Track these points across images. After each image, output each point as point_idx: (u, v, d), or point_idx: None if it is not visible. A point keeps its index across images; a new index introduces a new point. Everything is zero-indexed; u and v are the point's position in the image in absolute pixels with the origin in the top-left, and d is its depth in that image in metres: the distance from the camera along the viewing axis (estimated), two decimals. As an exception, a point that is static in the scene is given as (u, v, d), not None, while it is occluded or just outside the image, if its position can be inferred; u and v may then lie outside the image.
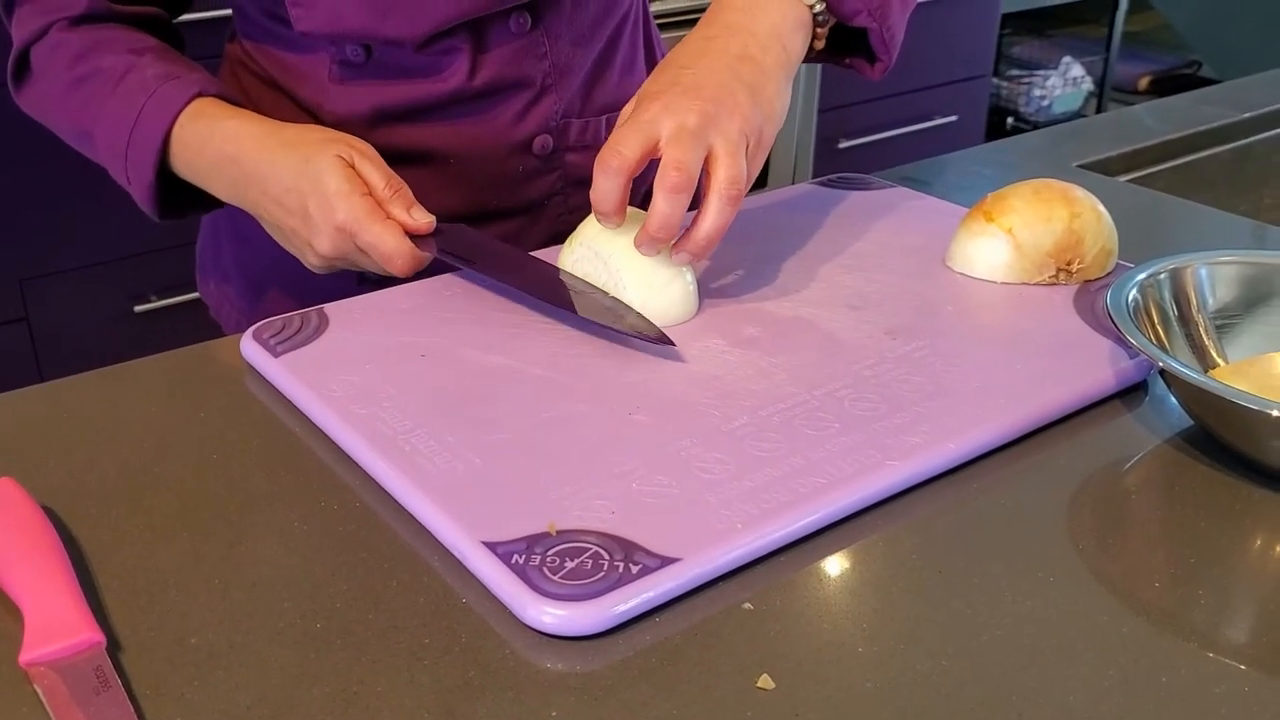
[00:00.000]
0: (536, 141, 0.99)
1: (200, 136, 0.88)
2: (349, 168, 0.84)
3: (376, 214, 0.83)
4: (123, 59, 0.91)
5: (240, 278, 1.07)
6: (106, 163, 0.93)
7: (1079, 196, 0.88)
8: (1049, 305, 0.85)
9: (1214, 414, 0.68)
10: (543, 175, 1.00)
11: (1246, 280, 0.78)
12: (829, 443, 0.69)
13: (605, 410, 0.72)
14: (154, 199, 0.92)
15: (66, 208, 2.11)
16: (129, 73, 0.90)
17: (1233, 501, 0.67)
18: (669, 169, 0.75)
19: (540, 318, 0.83)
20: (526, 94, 0.97)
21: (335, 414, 0.71)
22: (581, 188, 1.02)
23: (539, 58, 0.96)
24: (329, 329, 0.81)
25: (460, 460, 0.66)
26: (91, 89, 0.90)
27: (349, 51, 0.93)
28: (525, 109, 0.97)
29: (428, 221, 0.85)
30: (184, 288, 2.23)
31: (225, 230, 1.08)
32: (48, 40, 0.92)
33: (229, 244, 1.08)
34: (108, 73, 0.90)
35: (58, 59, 0.92)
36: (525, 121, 0.98)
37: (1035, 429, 0.73)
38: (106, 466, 0.69)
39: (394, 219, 0.84)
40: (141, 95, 0.89)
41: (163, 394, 0.77)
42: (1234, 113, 1.35)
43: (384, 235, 0.83)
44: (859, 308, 0.85)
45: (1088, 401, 0.75)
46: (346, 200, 0.83)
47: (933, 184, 1.12)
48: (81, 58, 0.91)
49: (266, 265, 1.03)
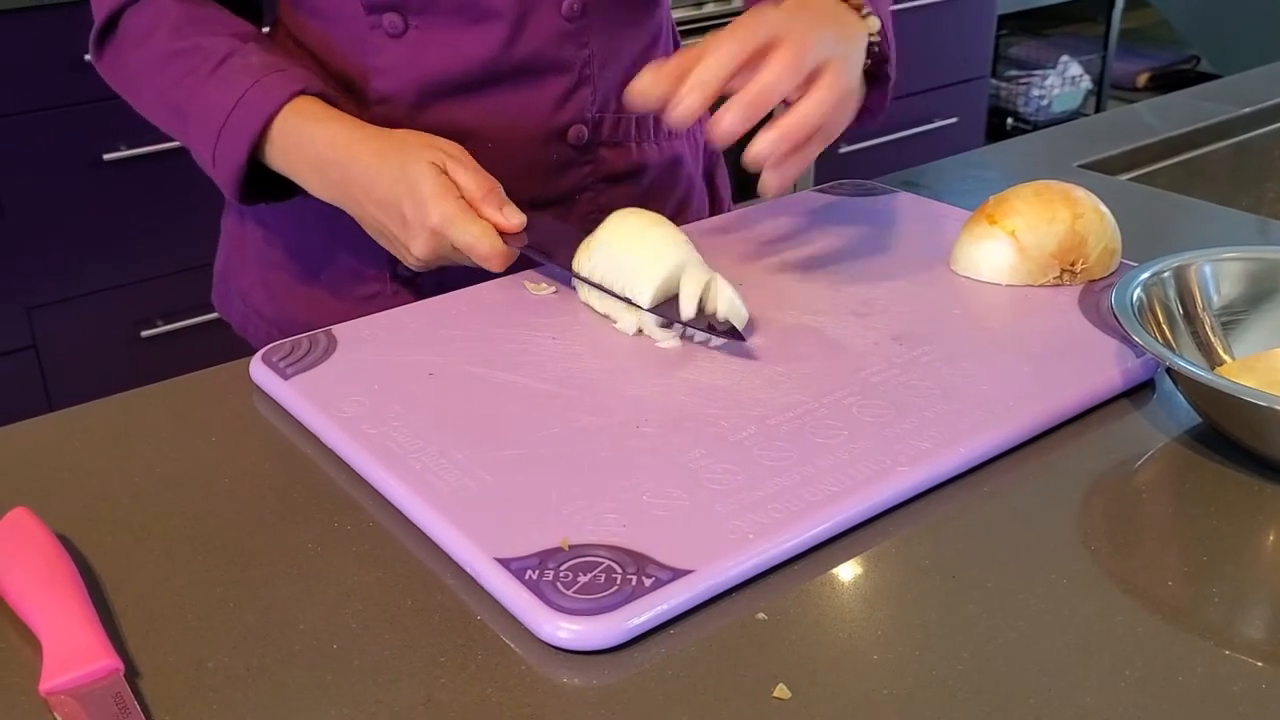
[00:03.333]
0: (572, 131, 1.00)
1: (301, 135, 0.89)
2: (442, 173, 0.86)
3: (469, 214, 0.85)
4: (225, 41, 0.91)
5: (266, 291, 1.07)
6: (194, 141, 0.93)
7: (1081, 197, 0.88)
8: (1054, 306, 0.85)
9: (1222, 411, 0.68)
10: (576, 167, 1.01)
11: (1251, 276, 0.78)
12: (838, 450, 0.69)
13: (614, 424, 0.72)
14: (238, 184, 0.92)
15: (72, 236, 2.12)
16: (231, 56, 0.90)
17: (1244, 498, 0.67)
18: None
19: (547, 334, 0.83)
20: (565, 79, 0.98)
21: (346, 435, 0.71)
22: (611, 184, 1.04)
23: (580, 45, 0.97)
24: (337, 350, 0.82)
25: (471, 477, 0.67)
26: (189, 64, 0.91)
27: (386, 23, 0.94)
28: (565, 95, 0.99)
29: (519, 220, 0.87)
30: (190, 311, 2.24)
31: (250, 247, 1.08)
32: (147, 6, 0.93)
33: (255, 261, 1.08)
34: (208, 52, 0.91)
35: (158, 29, 0.92)
36: (564, 109, 0.99)
37: (1044, 431, 0.73)
38: (119, 493, 0.69)
39: (486, 219, 0.86)
40: (245, 81, 0.89)
41: (173, 419, 0.77)
42: (1233, 108, 1.35)
43: (478, 236, 0.85)
44: (864, 314, 0.85)
45: (1095, 402, 0.75)
46: (440, 203, 0.85)
47: (934, 188, 1.12)
48: (181, 31, 0.91)
49: (296, 275, 1.04)
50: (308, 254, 1.02)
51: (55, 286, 2.14)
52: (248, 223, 1.08)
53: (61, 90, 2.05)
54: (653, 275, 0.81)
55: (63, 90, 2.05)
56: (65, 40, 2.03)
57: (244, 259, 1.09)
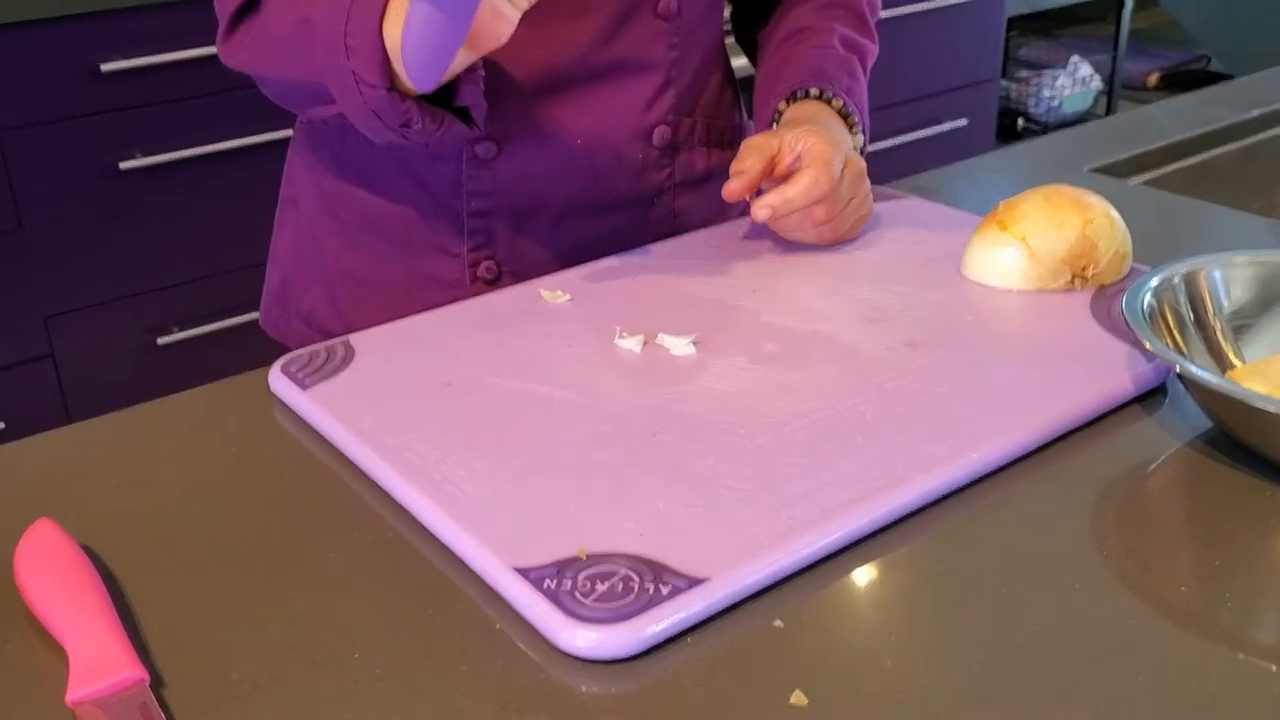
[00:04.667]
0: (657, 132, 1.02)
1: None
2: None
3: None
4: None
5: (334, 308, 1.07)
6: (323, 44, 0.84)
7: (1091, 202, 0.89)
8: (1066, 312, 0.86)
9: (1233, 416, 0.68)
10: (657, 169, 1.03)
11: (1261, 280, 0.78)
12: (853, 457, 0.69)
13: (630, 432, 0.73)
14: (382, 62, 0.81)
15: (89, 245, 2.14)
16: None
17: (1256, 502, 0.68)
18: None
19: (562, 343, 0.84)
20: (654, 79, 1.00)
21: (365, 445, 0.72)
22: (688, 188, 1.06)
23: (670, 45, 0.99)
24: (355, 360, 0.82)
25: (489, 487, 0.67)
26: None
27: None
28: (653, 96, 1.00)
29: None
30: (206, 318, 2.25)
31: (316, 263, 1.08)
32: None
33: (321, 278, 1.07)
34: None
35: None
36: (651, 110, 1.01)
37: (1057, 436, 0.73)
38: (142, 504, 0.70)
39: None
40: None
41: (194, 430, 0.78)
42: (1243, 110, 1.35)
43: None
44: (877, 320, 0.86)
45: (1108, 407, 0.76)
46: None
47: (945, 192, 1.13)
48: None
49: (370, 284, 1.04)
50: (381, 261, 1.03)
51: (72, 295, 2.16)
52: (310, 238, 1.07)
53: (78, 100, 2.06)
54: None
55: (79, 100, 2.06)
56: (81, 51, 2.04)
57: (306, 278, 1.08)
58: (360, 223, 1.03)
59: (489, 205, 0.99)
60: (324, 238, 1.06)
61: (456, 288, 1.01)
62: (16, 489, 0.73)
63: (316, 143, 1.05)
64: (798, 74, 1.02)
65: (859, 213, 0.98)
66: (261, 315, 1.14)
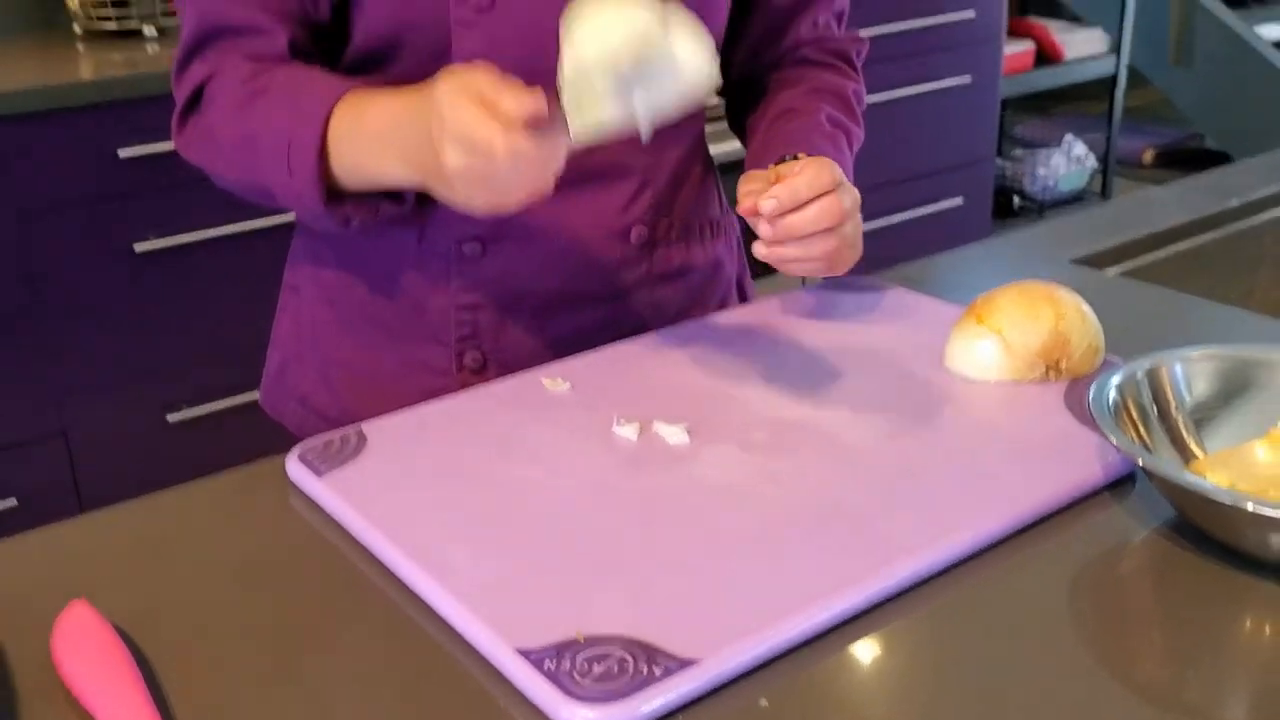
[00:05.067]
0: (634, 231, 1.07)
1: (352, 125, 0.91)
2: (459, 87, 0.83)
3: (480, 112, 0.82)
4: (297, 73, 0.96)
5: (329, 392, 1.12)
6: (267, 164, 0.94)
7: (1063, 297, 0.94)
8: (1041, 403, 0.90)
9: (1193, 507, 0.73)
10: (635, 265, 1.08)
11: (1221, 374, 0.83)
12: (836, 543, 0.74)
13: (626, 518, 0.77)
14: (319, 184, 0.92)
15: (103, 325, 2.19)
16: (300, 84, 0.94)
17: (1219, 587, 0.72)
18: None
19: (563, 430, 0.89)
20: (631, 183, 1.06)
21: (376, 530, 0.77)
22: (665, 282, 1.11)
23: (644, 152, 1.05)
24: (367, 447, 0.87)
25: (493, 570, 0.72)
26: (261, 101, 0.95)
27: None
28: (630, 199, 1.06)
29: (535, 103, 0.82)
30: (215, 396, 2.30)
31: (312, 348, 1.13)
32: (222, 73, 0.97)
33: (316, 362, 1.13)
34: (279, 85, 0.95)
35: (231, 83, 0.96)
36: (628, 211, 1.06)
37: (1032, 522, 0.78)
38: (170, 588, 0.75)
39: (503, 113, 0.82)
40: (306, 87, 0.94)
41: (217, 515, 0.83)
42: (1222, 200, 1.40)
43: (485, 126, 0.81)
44: (863, 410, 0.90)
45: (1079, 495, 0.80)
46: (452, 109, 0.82)
47: (931, 282, 1.18)
48: (255, 75, 0.96)
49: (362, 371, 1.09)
50: (374, 349, 1.08)
51: (85, 373, 2.20)
52: (308, 324, 1.13)
53: (97, 184, 2.13)
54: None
55: (98, 184, 2.13)
56: (99, 137, 2.11)
57: (303, 363, 1.14)
58: (356, 313, 1.08)
59: (475, 300, 1.04)
60: (321, 326, 1.12)
61: (445, 375, 1.06)
62: (52, 570, 0.77)
63: (317, 234, 1.10)
64: (785, 146, 1.05)
65: (854, 244, 0.98)
66: (261, 395, 1.20)
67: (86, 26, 2.51)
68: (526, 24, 0.97)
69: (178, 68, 1.01)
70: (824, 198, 0.92)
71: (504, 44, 0.97)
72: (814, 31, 1.16)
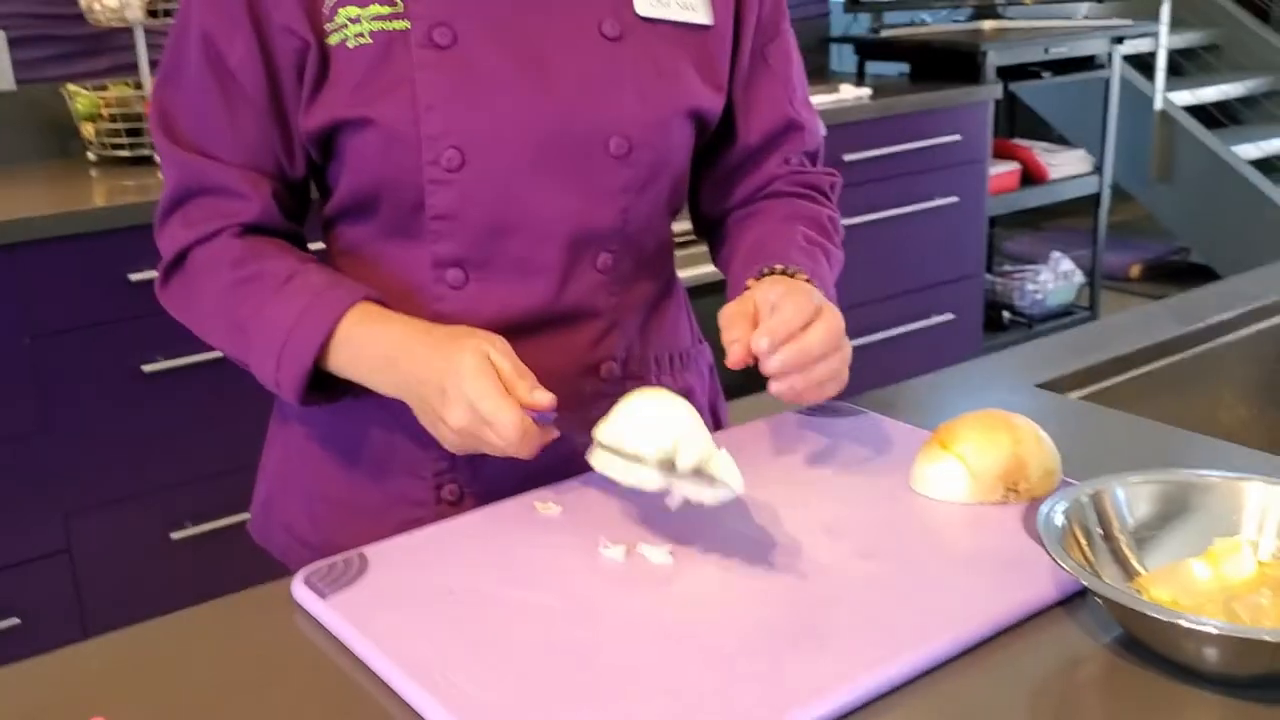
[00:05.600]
0: (604, 367, 1.14)
1: (364, 341, 1.02)
2: (485, 357, 0.97)
3: (500, 390, 0.96)
4: (286, 265, 1.06)
5: (312, 522, 1.18)
6: (256, 355, 1.05)
7: (1020, 424, 1.00)
8: (1000, 524, 0.96)
9: (1135, 623, 0.78)
10: (606, 398, 1.13)
11: (1161, 496, 0.89)
12: (806, 659, 0.79)
13: (612, 638, 0.83)
14: (300, 391, 1.04)
15: (109, 444, 2.25)
16: (293, 277, 1.04)
17: (1164, 699, 0.77)
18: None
19: (554, 552, 0.94)
20: (600, 324, 1.13)
21: (377, 651, 0.82)
22: None
23: (611, 294, 1.12)
24: (369, 570, 0.93)
25: (488, 689, 0.77)
26: (253, 288, 1.05)
27: (449, 276, 1.08)
28: (599, 337, 1.13)
29: (548, 399, 0.97)
30: (217, 514, 2.35)
31: (297, 482, 1.19)
32: (213, 243, 1.07)
33: (301, 495, 1.19)
34: (271, 275, 1.05)
35: (222, 262, 1.06)
36: (597, 349, 1.13)
37: (990, 636, 0.83)
38: (183, 706, 0.80)
39: (518, 398, 0.96)
40: (306, 297, 1.03)
41: (226, 636, 0.88)
42: (1181, 325, 1.47)
43: (504, 407, 0.95)
44: (834, 531, 0.96)
45: (1033, 611, 0.86)
46: (476, 378, 0.95)
47: (903, 406, 1.24)
48: (244, 262, 1.06)
49: (343, 504, 1.15)
50: (357, 483, 1.14)
51: (90, 492, 2.26)
52: (295, 458, 1.20)
53: (107, 307, 2.20)
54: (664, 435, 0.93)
55: (108, 307, 2.20)
56: (109, 262, 2.19)
57: (289, 494, 1.20)
58: (340, 450, 1.14)
59: None
60: (306, 458, 1.18)
61: (423, 507, 1.11)
62: (69, 690, 0.83)
63: None
64: (765, 261, 1.10)
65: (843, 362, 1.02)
66: (250, 523, 1.26)
67: (100, 154, 2.62)
68: (495, 183, 1.05)
69: (159, 221, 1.11)
70: (816, 323, 0.98)
71: (474, 200, 1.05)
72: (786, 167, 1.22)
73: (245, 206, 1.07)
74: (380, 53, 1.02)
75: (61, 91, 2.63)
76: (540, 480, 1.08)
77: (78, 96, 2.59)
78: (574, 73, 1.05)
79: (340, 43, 1.02)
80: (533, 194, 1.06)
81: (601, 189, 1.08)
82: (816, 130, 1.24)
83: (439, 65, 1.02)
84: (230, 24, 1.03)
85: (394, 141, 1.03)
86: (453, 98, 1.02)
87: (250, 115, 1.06)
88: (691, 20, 1.11)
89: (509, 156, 1.04)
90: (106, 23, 2.56)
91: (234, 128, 1.06)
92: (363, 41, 1.02)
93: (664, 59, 1.09)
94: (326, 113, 1.04)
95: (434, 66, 1.02)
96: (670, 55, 1.10)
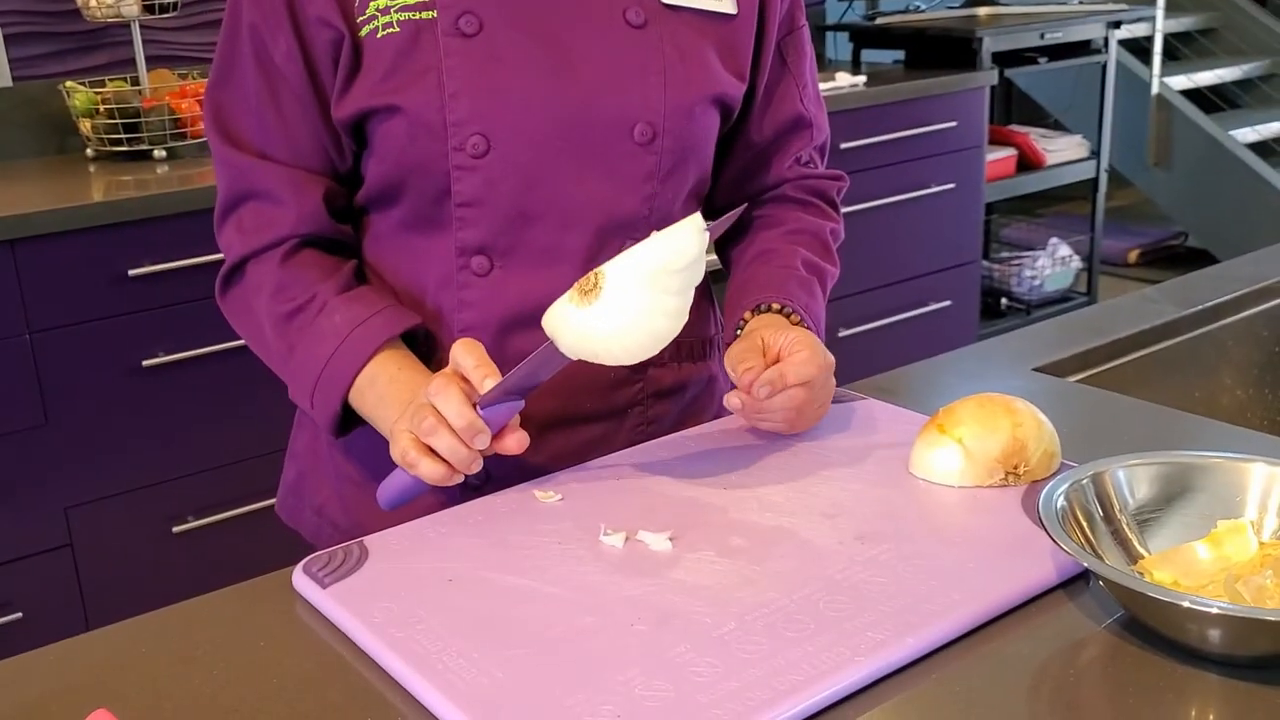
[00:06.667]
0: None
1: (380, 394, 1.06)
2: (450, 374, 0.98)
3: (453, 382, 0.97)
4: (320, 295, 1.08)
5: (341, 505, 1.19)
6: (295, 387, 1.11)
7: (1020, 407, 1.00)
8: (1000, 507, 0.96)
9: (1137, 604, 0.78)
10: (629, 385, 1.15)
11: (1162, 478, 0.89)
12: (805, 643, 0.79)
13: (611, 622, 0.83)
14: (333, 428, 1.10)
15: (110, 438, 2.25)
16: (322, 311, 1.08)
17: (1163, 680, 0.77)
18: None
19: (553, 540, 0.94)
20: None
21: (376, 639, 0.82)
22: (659, 399, 1.18)
23: None
24: (369, 559, 0.93)
25: (486, 675, 0.77)
26: (288, 326, 1.09)
27: (474, 264, 1.09)
28: None
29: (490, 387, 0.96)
30: (218, 508, 2.36)
31: (328, 466, 1.21)
32: (263, 263, 1.10)
33: (332, 477, 1.20)
34: (305, 307, 1.09)
35: (262, 290, 1.10)
36: None
37: (991, 619, 0.83)
38: (186, 695, 0.80)
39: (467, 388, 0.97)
40: (332, 343, 1.07)
41: (228, 626, 0.88)
42: (1178, 309, 1.47)
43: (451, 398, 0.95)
44: (833, 515, 0.96)
45: (1033, 594, 0.86)
46: (439, 377, 0.97)
47: (902, 392, 1.24)
48: (284, 289, 1.09)
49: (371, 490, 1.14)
50: (385, 466, 1.14)
51: (91, 486, 2.26)
52: (324, 444, 1.20)
53: (107, 303, 2.21)
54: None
55: (108, 303, 2.21)
56: (110, 256, 2.19)
57: (320, 476, 1.21)
58: (369, 433, 1.14)
59: None
60: (336, 445, 1.19)
61: (448, 491, 1.11)
62: (73, 681, 0.83)
63: None
64: (762, 291, 1.15)
65: (824, 402, 1.10)
66: (278, 504, 1.26)
67: (98, 149, 2.62)
68: (519, 169, 1.06)
69: (218, 222, 1.14)
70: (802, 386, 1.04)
71: (498, 186, 1.06)
72: (796, 167, 1.23)
73: (293, 214, 1.09)
74: (408, 41, 1.04)
75: (59, 88, 2.63)
76: (567, 464, 1.10)
77: (75, 93, 2.59)
78: (598, 59, 1.06)
79: (371, 33, 1.04)
80: (558, 181, 1.07)
81: (627, 176, 1.09)
82: (824, 126, 1.26)
83: (465, 53, 1.04)
84: (273, 19, 1.05)
85: (420, 128, 1.04)
86: (478, 84, 1.04)
87: (297, 110, 1.08)
88: (716, 9, 1.12)
89: (533, 143, 1.05)
90: (103, 18, 2.56)
91: (284, 123, 1.08)
92: (391, 31, 1.04)
93: (688, 46, 1.10)
94: (356, 102, 1.06)
95: (460, 54, 1.03)
96: (694, 42, 1.10)
